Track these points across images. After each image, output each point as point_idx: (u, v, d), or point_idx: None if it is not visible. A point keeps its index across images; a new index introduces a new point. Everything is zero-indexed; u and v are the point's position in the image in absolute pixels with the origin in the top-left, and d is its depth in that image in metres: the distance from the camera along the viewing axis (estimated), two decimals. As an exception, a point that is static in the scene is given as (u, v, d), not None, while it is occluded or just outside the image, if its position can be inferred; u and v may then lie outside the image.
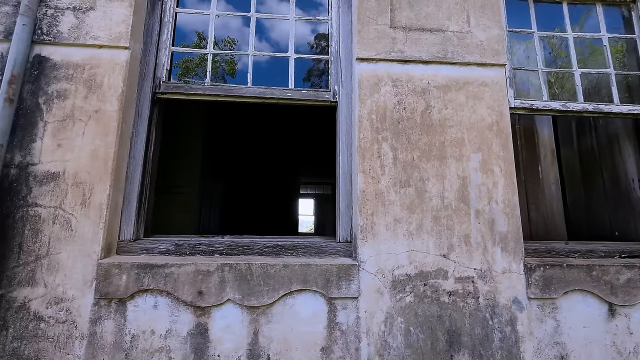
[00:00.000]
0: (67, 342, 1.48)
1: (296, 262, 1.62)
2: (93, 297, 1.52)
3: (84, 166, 1.63)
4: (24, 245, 1.54)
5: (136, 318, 1.52)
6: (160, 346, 1.51)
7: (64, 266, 1.53)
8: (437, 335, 1.60)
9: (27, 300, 1.50)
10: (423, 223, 1.69)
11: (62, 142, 1.64)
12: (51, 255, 1.54)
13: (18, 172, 1.61)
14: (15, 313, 1.49)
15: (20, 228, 1.56)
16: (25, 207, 1.58)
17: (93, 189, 1.61)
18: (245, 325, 1.55)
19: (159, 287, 1.53)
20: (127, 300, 1.53)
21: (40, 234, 1.56)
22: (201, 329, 1.53)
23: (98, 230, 1.58)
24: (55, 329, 1.49)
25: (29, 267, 1.52)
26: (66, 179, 1.61)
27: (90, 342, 1.49)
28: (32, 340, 1.47)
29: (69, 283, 1.52)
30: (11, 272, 1.52)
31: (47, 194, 1.59)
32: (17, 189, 1.59)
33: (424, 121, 1.80)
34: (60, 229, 1.57)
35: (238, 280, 1.56)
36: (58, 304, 1.50)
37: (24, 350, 1.46)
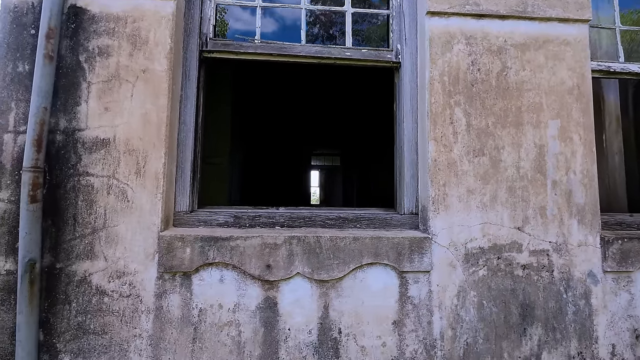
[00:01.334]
0: (133, 316, 1.42)
1: (366, 235, 1.54)
2: (156, 270, 1.44)
3: (136, 132, 1.49)
4: (79, 217, 1.44)
5: (202, 292, 1.45)
6: (229, 320, 1.45)
7: (123, 239, 1.44)
8: (510, 308, 1.55)
9: (88, 274, 1.42)
10: (497, 194, 1.60)
11: (109, 106, 1.49)
12: (109, 228, 1.45)
13: (65, 138, 1.47)
14: (77, 287, 1.42)
15: (73, 199, 1.45)
16: (76, 177, 1.46)
17: (147, 157, 1.49)
18: (315, 299, 1.49)
19: (225, 261, 1.46)
20: (192, 274, 1.46)
21: (95, 206, 1.45)
22: (270, 303, 1.47)
23: (156, 202, 1.47)
24: (120, 303, 1.42)
25: (86, 239, 1.43)
26: (117, 146, 1.48)
27: (157, 316, 1.43)
28: (97, 314, 1.41)
29: (130, 256, 1.44)
30: (68, 245, 1.43)
31: (98, 162, 1.47)
32: (66, 157, 1.47)
33: (500, 84, 1.65)
34: (116, 200, 1.46)
35: (307, 253, 1.48)
36: (120, 278, 1.43)
37: (89, 324, 1.40)
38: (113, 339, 1.41)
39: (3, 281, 1.39)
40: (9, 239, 1.41)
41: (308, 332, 1.48)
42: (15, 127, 1.46)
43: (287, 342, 1.47)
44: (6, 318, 1.38)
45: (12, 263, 1.40)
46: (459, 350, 1.52)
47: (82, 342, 1.40)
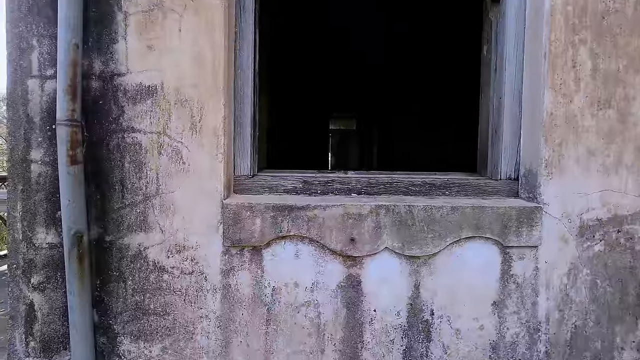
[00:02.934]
0: (197, 296, 1.23)
1: (465, 203, 1.29)
2: (221, 244, 1.23)
3: (188, 77, 1.21)
4: (127, 182, 1.21)
5: (275, 269, 1.25)
6: (307, 300, 1.26)
7: (181, 207, 1.22)
8: (627, 288, 1.34)
9: (143, 248, 1.22)
10: (622, 156, 1.32)
11: (153, 44, 1.19)
12: (163, 195, 1.21)
13: (102, 85, 1.19)
14: (131, 263, 1.21)
15: (119, 160, 1.20)
16: (120, 133, 1.20)
17: (203, 109, 1.21)
18: (404, 277, 1.28)
19: (301, 233, 1.23)
20: (263, 249, 1.24)
21: (145, 168, 1.21)
22: (353, 282, 1.27)
23: (216, 164, 1.22)
24: (182, 281, 1.23)
25: (138, 208, 1.21)
26: (166, 95, 1.20)
27: (225, 295, 1.24)
28: (157, 293, 1.22)
29: (190, 228, 1.22)
30: (117, 215, 1.21)
31: (145, 115, 1.20)
32: (105, 109, 1.20)
33: (638, 16, 1.30)
34: (169, 161, 1.21)
35: (397, 225, 1.25)
36: (180, 253, 1.22)
37: (148, 304, 1.22)
38: (177, 321, 1.23)
39: (46, 256, 1.19)
40: (47, 207, 1.19)
41: (396, 313, 1.29)
42: (41, 71, 1.18)
43: (373, 324, 1.28)
44: (54, 297, 1.20)
45: (54, 235, 1.19)
46: (565, 334, 1.33)
47: (142, 323, 1.22)
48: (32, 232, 1.19)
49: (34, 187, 1.19)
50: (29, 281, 1.19)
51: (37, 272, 1.19)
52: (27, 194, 1.19)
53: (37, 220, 1.19)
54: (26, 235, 1.19)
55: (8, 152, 1.17)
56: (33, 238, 1.19)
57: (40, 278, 1.19)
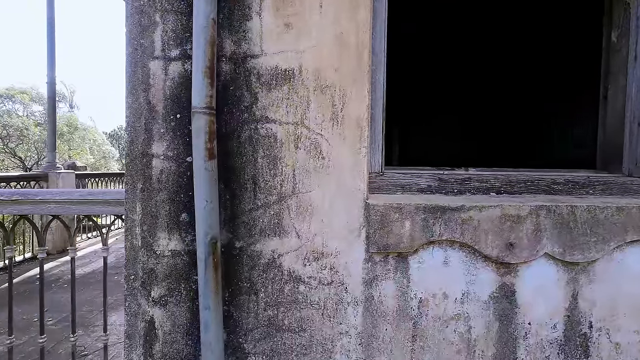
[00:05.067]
0: (337, 309, 1.08)
1: (627, 203, 1.16)
2: (364, 250, 1.08)
3: (329, 60, 1.06)
4: (260, 180, 1.05)
5: (422, 278, 1.10)
6: (456, 313, 1.12)
7: (319, 209, 1.07)
8: None
9: (277, 255, 1.06)
10: None
11: (290, 21, 1.04)
12: (299, 194, 1.06)
13: (233, 68, 1.04)
14: (264, 272, 1.06)
15: (251, 154, 1.05)
16: (253, 124, 1.05)
17: (345, 96, 1.06)
18: (561, 286, 1.15)
19: (453, 238, 1.09)
20: (409, 255, 1.10)
21: (280, 164, 1.06)
22: (506, 292, 1.13)
23: (359, 159, 1.07)
24: (319, 292, 1.08)
25: (272, 210, 1.06)
26: (304, 81, 1.05)
27: (367, 308, 1.09)
28: (292, 307, 1.07)
29: (329, 232, 1.07)
30: (248, 217, 1.05)
31: (281, 103, 1.05)
32: (237, 96, 1.04)
33: None
34: (307, 155, 1.06)
35: (558, 228, 1.11)
36: (318, 260, 1.07)
37: (282, 319, 1.07)
38: (314, 338, 1.08)
39: (168, 265, 1.04)
40: (170, 208, 1.03)
41: (552, 326, 1.15)
42: (165, 51, 1.02)
43: (527, 339, 1.14)
44: (177, 313, 1.04)
45: (177, 241, 1.03)
46: None
47: (275, 341, 1.07)
48: (153, 238, 1.03)
49: (155, 185, 1.03)
50: (148, 294, 1.03)
51: (158, 284, 1.04)
52: (148, 193, 1.03)
53: (159, 224, 1.03)
54: (146, 242, 1.03)
55: (127, 145, 1.01)
56: (154, 245, 1.03)
57: (162, 291, 1.04)
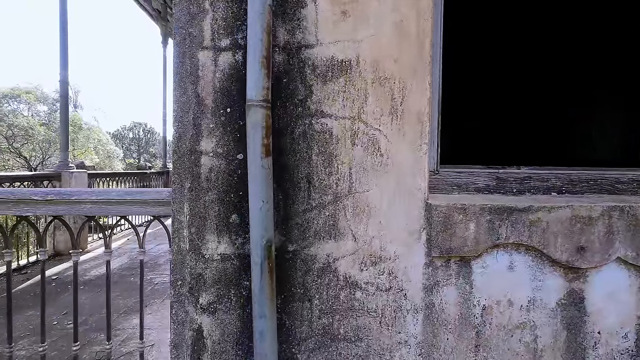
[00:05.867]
0: (395, 317, 1.01)
1: None
2: (424, 254, 1.01)
3: (388, 50, 0.99)
4: (315, 179, 0.98)
5: (486, 283, 1.03)
6: (522, 321, 1.05)
7: (377, 209, 0.99)
8: None
9: (332, 260, 0.99)
10: None
11: (348, 9, 0.97)
12: (356, 194, 0.99)
13: (286, 59, 0.97)
14: (318, 277, 0.99)
15: (305, 151, 0.98)
16: (307, 118, 0.98)
17: (405, 88, 0.99)
18: (633, 292, 1.07)
19: (520, 241, 1.01)
20: (472, 260, 1.02)
21: (336, 161, 0.98)
22: (575, 298, 1.05)
23: (419, 156, 1.00)
24: (377, 299, 1.01)
25: (327, 211, 0.99)
26: (362, 72, 0.98)
27: (428, 316, 1.02)
28: (348, 314, 1.00)
29: (388, 235, 1.00)
30: (302, 219, 0.98)
31: (337, 96, 0.98)
32: (290, 88, 0.97)
33: None
34: (364, 153, 0.99)
35: (631, 230, 1.04)
36: (376, 265, 1.00)
37: (337, 328, 1.00)
38: (371, 348, 1.01)
39: (218, 270, 0.97)
40: (220, 209, 0.96)
41: (623, 336, 1.07)
42: (214, 41, 0.95)
43: (597, 349, 1.07)
44: (226, 320, 0.97)
45: (227, 244, 0.97)
46: None
47: (330, 352, 1.00)
48: (202, 241, 0.96)
49: (204, 185, 0.96)
50: (196, 301, 0.97)
51: (207, 290, 0.97)
52: (196, 193, 0.96)
53: (208, 226, 0.96)
54: (194, 245, 0.96)
55: (174, 141, 0.94)
56: (202, 248, 0.96)
57: (211, 297, 0.97)
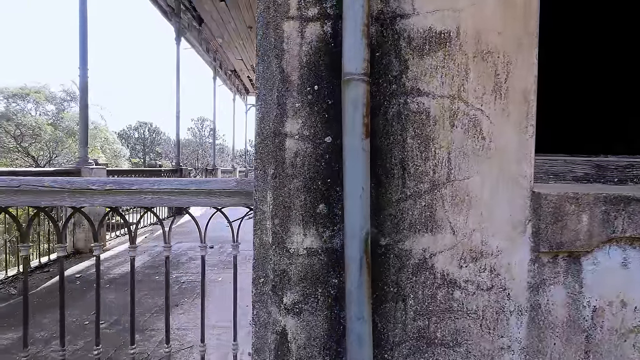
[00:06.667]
0: (497, 320, 0.91)
1: None
2: (530, 249, 0.90)
3: (491, 21, 0.88)
4: (410, 165, 0.88)
5: (597, 282, 0.92)
6: (636, 324, 0.94)
7: (478, 199, 0.89)
8: None
9: (429, 255, 0.89)
10: None
11: (447, -26, 0.87)
12: (455, 182, 0.89)
13: (380, 30, 0.87)
14: (413, 275, 0.89)
15: (399, 134, 0.88)
16: (402, 97, 0.88)
17: (510, 64, 0.89)
18: None
19: (637, 234, 0.91)
20: (582, 256, 0.92)
21: (433, 145, 0.88)
22: (694, 299, 0.94)
23: (525, 139, 0.90)
24: (478, 299, 0.90)
25: (423, 200, 0.88)
26: (462, 45, 0.88)
27: (533, 318, 0.91)
28: (445, 316, 0.90)
29: (489, 227, 0.89)
30: (396, 209, 0.88)
31: (435, 72, 0.88)
32: (383, 64, 0.87)
33: None
34: (464, 135, 0.89)
35: None
36: (476, 261, 0.90)
37: (434, 331, 0.90)
38: (470, 354, 0.91)
39: (303, 266, 0.87)
40: (305, 198, 0.86)
41: None
42: (301, 10, 0.85)
43: None
44: (312, 322, 0.87)
45: (313, 237, 0.87)
46: None
47: (425, 358, 0.90)
48: (286, 234, 0.86)
49: (289, 171, 0.86)
50: (280, 301, 0.87)
51: (292, 289, 0.87)
52: (280, 180, 0.86)
53: (292, 216, 0.86)
54: (278, 238, 0.86)
55: (257, 122, 0.84)
56: (287, 241, 0.87)
57: (295, 296, 0.87)
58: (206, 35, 8.37)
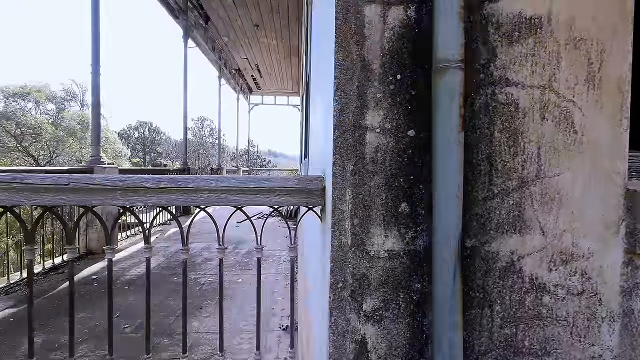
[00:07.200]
0: (588, 327, 0.84)
1: None
2: (623, 251, 0.84)
3: (583, 6, 0.82)
4: (497, 160, 0.82)
5: (692, 286, 0.86)
6: None
7: (569, 197, 0.83)
8: None
9: (517, 258, 0.83)
10: None
11: (539, -46, 0.81)
12: (544, 179, 0.82)
13: (467, 15, 0.80)
14: (500, 279, 0.83)
15: (486, 127, 0.81)
16: (490, 87, 0.81)
17: (604, 51, 0.82)
18: None
19: None
20: (678, 257, 0.85)
21: (522, 139, 0.82)
22: None
23: (619, 133, 0.83)
24: (567, 305, 0.84)
25: (511, 199, 0.82)
26: (554, 32, 0.82)
27: (625, 325, 0.85)
28: (533, 324, 0.83)
29: (580, 228, 0.83)
30: (482, 208, 0.82)
31: (524, 60, 0.81)
32: (471, 51, 0.81)
33: None
34: (555, 129, 0.82)
35: None
36: (567, 264, 0.83)
37: (522, 340, 0.83)
38: (559, 363, 0.84)
39: (384, 270, 0.81)
40: (387, 196, 0.80)
41: None
42: (383, -7, 0.79)
43: None
44: (394, 331, 0.81)
45: (395, 239, 0.80)
46: None
47: (512, 368, 0.84)
48: (366, 235, 0.80)
49: (369, 167, 0.80)
50: (359, 307, 0.80)
51: (371, 294, 0.80)
52: (360, 177, 0.80)
53: (372, 216, 0.80)
54: (357, 240, 0.80)
55: (335, 115, 0.78)
56: (367, 243, 0.80)
57: (376, 302, 0.81)
58: (212, 34, 8.30)
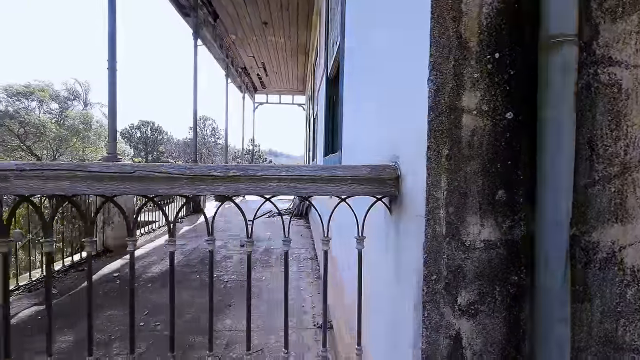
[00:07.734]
0: (692, 322, 0.80)
1: None
2: None
3: (691, -20, 0.77)
4: (598, 145, 0.77)
5: None
6: None
7: (673, 185, 0.78)
8: None
9: (618, 248, 0.78)
10: None
11: None
12: (647, 164, 0.78)
13: (569, -11, 0.76)
14: (600, 271, 0.78)
15: (587, 109, 0.77)
16: (592, 67, 0.76)
17: None
18: None
19: None
20: None
21: (625, 123, 0.77)
22: None
23: None
24: (670, 298, 0.79)
25: (612, 186, 0.77)
26: (658, 8, 0.77)
27: None
28: (635, 318, 0.78)
29: (684, 216, 0.78)
30: (582, 196, 0.77)
31: (628, 38, 0.77)
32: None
33: None
34: (659, 111, 0.77)
35: None
36: (670, 255, 0.79)
37: (622, 335, 0.78)
38: (662, 360, 0.80)
39: (480, 261, 0.76)
40: (483, 183, 0.75)
41: None
42: (481, -34, 0.74)
43: None
44: (490, 326, 0.76)
45: (492, 229, 0.76)
46: None
47: (612, 365, 0.79)
48: (462, 224, 0.75)
49: (465, 151, 0.75)
50: (454, 301, 0.76)
51: (467, 287, 0.76)
52: (456, 162, 0.75)
53: (468, 204, 0.75)
54: (452, 229, 0.75)
55: (430, 96, 0.73)
56: (462, 233, 0.75)
57: (471, 296, 0.76)
58: (220, 32, 8.25)
